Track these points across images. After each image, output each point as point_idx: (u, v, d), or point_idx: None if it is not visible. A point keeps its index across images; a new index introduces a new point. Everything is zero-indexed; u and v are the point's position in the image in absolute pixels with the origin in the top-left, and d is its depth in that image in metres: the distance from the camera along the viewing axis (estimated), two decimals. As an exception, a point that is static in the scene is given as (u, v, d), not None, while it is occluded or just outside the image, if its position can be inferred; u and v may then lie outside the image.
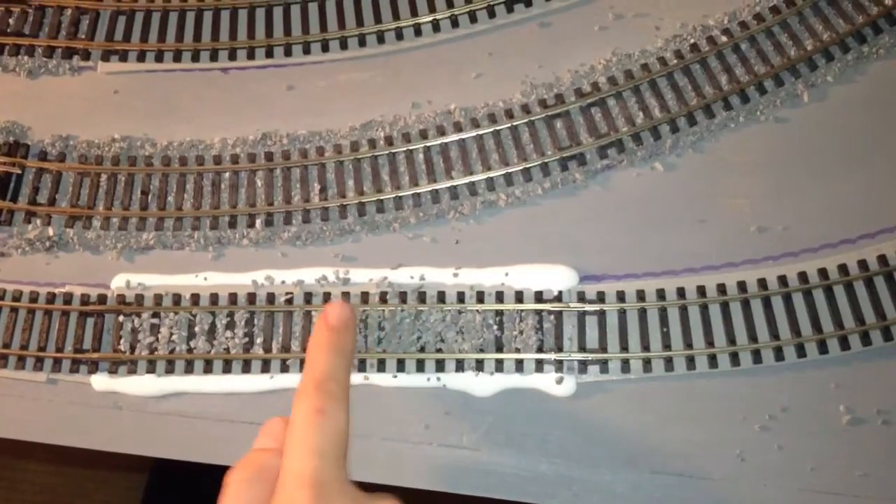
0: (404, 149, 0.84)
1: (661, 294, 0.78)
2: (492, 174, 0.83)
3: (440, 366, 0.78)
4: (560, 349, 0.77)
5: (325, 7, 0.91)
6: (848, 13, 0.86)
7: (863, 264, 0.78)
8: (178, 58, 0.90)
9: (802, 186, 0.82)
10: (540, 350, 0.77)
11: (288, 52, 0.90)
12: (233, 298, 0.81)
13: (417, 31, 0.89)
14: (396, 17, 0.90)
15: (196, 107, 0.89)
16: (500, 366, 0.77)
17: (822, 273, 0.78)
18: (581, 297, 0.79)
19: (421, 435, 0.77)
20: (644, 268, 0.80)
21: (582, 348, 0.77)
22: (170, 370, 0.79)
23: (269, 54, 0.90)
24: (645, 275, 0.80)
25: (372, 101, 0.87)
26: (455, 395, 0.77)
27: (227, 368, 0.79)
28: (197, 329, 0.80)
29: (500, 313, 0.78)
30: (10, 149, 0.87)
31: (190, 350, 0.80)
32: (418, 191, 0.83)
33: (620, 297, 0.79)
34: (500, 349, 0.77)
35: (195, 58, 0.90)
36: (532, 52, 0.88)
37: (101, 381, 0.80)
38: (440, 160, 0.84)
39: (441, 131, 0.85)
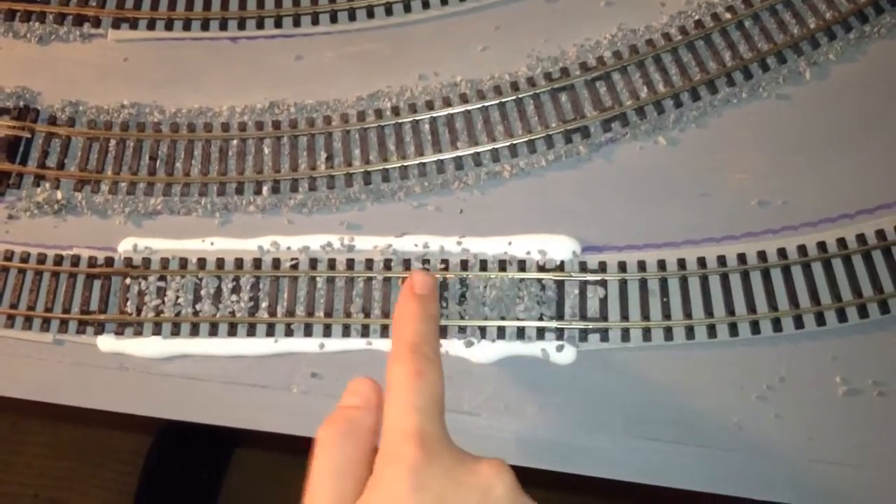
0: (410, 119, 0.85)
1: (661, 265, 0.79)
2: (496, 145, 0.84)
3: (443, 332, 0.78)
4: (561, 317, 0.78)
5: (335, -21, 0.92)
6: (850, -7, 0.87)
7: (861, 238, 0.79)
8: (187, 26, 0.91)
9: (803, 162, 0.83)
10: (541, 318, 0.78)
11: (297, 23, 0.91)
12: (239, 263, 0.82)
13: (425, 3, 0.90)
14: (404, -11, 0.91)
15: (205, 75, 0.90)
16: (501, 333, 0.78)
17: (821, 246, 0.79)
18: (583, 267, 0.80)
19: (422, 400, 0.77)
20: (645, 239, 0.81)
21: (583, 317, 0.78)
22: (175, 332, 0.80)
23: (279, 24, 0.91)
24: (646, 246, 0.81)
25: (379, 72, 0.88)
26: (456, 361, 0.78)
27: (232, 332, 0.80)
28: (203, 293, 0.81)
29: (502, 281, 0.79)
30: (21, 113, 0.88)
31: (196, 313, 0.81)
32: (423, 161, 0.84)
33: (622, 267, 0.80)
34: (501, 317, 0.78)
35: (205, 27, 0.91)
36: (538, 27, 0.89)
37: (107, 343, 0.81)
38: (446, 131, 0.85)
39: (447, 102, 0.86)
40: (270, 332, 0.80)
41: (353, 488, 0.48)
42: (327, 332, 0.79)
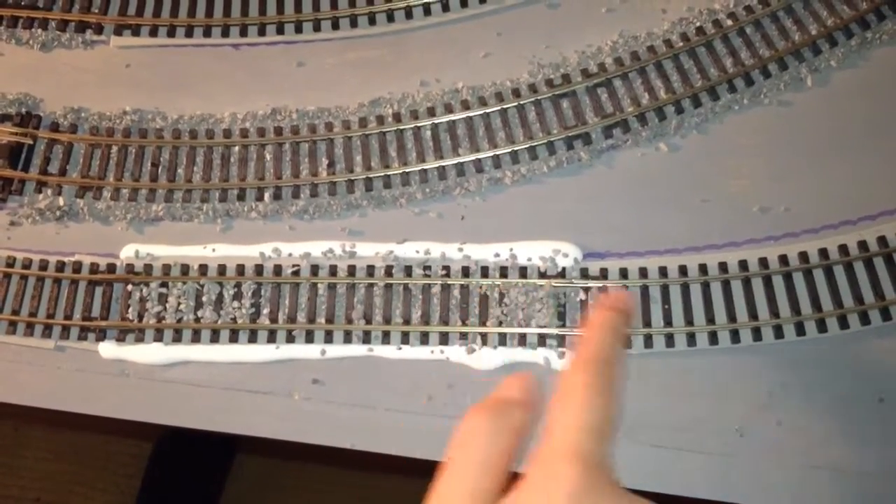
0: (412, 125, 0.85)
1: (663, 272, 0.79)
2: (498, 152, 0.84)
3: (444, 338, 0.79)
4: (562, 324, 0.78)
5: (336, -15, 0.92)
6: (852, -1, 0.87)
7: (863, 245, 0.79)
8: (189, 33, 0.91)
9: (804, 168, 0.83)
10: (542, 325, 0.78)
11: (298, 29, 0.91)
12: (240, 270, 0.82)
13: (427, 10, 0.90)
14: (406, -5, 0.91)
15: (207, 81, 0.90)
16: (503, 340, 0.78)
17: (823, 253, 0.79)
18: (584, 274, 0.80)
19: (423, 406, 0.78)
20: (647, 246, 0.81)
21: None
22: (177, 339, 0.80)
23: (280, 31, 0.91)
24: (648, 253, 0.81)
25: (381, 79, 0.89)
26: (458, 368, 0.78)
27: (233, 338, 0.80)
28: (204, 299, 0.81)
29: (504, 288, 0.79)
30: (23, 120, 0.89)
31: (197, 319, 0.81)
32: (425, 167, 0.84)
33: (623, 274, 0.80)
34: (501, 322, 0.78)
35: (207, 33, 0.92)
36: (540, 33, 0.89)
37: (108, 349, 0.81)
38: (447, 137, 0.85)
39: (449, 109, 0.86)
40: (272, 338, 0.80)
41: (494, 487, 0.43)
42: (329, 338, 0.79)
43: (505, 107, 0.85)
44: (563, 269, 0.80)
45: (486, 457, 0.44)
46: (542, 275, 0.80)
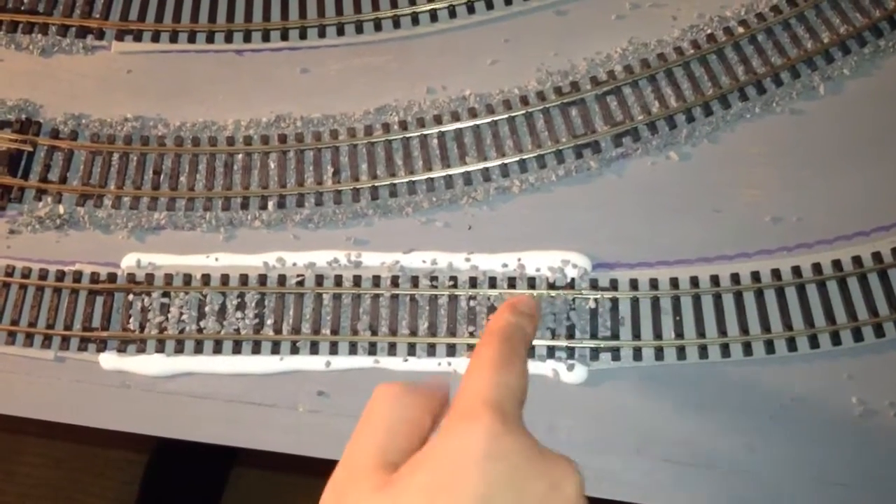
0: (418, 133, 0.84)
1: (674, 283, 0.78)
2: (506, 160, 0.82)
3: (451, 350, 0.77)
4: (571, 336, 0.77)
5: (342, -9, 0.91)
6: (865, 7, 0.86)
7: (877, 256, 0.78)
8: (192, 39, 0.90)
9: (817, 178, 0.81)
10: (551, 336, 0.77)
11: (303, 35, 0.90)
12: (244, 279, 0.81)
13: (433, 16, 0.89)
14: (413, 2, 0.89)
15: (210, 88, 0.89)
16: (511, 351, 0.77)
17: (837, 264, 0.78)
18: (594, 285, 0.79)
19: (430, 419, 0.76)
20: (657, 256, 0.80)
21: (594, 335, 0.77)
22: (179, 350, 0.79)
23: (285, 37, 0.90)
24: (658, 263, 0.80)
25: (387, 86, 0.87)
26: (466, 381, 0.77)
27: (236, 349, 0.79)
28: (207, 309, 0.80)
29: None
30: (23, 126, 0.87)
31: (200, 330, 0.79)
32: (432, 176, 0.83)
33: (633, 285, 0.78)
34: (511, 334, 0.77)
35: (210, 39, 0.90)
36: (548, 40, 0.88)
37: (109, 360, 0.79)
38: (454, 146, 0.84)
39: (455, 117, 0.85)
40: (276, 349, 0.79)
41: (402, 447, 0.44)
42: (333, 349, 0.78)
43: (513, 115, 0.84)
44: (573, 279, 0.79)
45: (394, 417, 0.45)
46: (551, 285, 0.78)
